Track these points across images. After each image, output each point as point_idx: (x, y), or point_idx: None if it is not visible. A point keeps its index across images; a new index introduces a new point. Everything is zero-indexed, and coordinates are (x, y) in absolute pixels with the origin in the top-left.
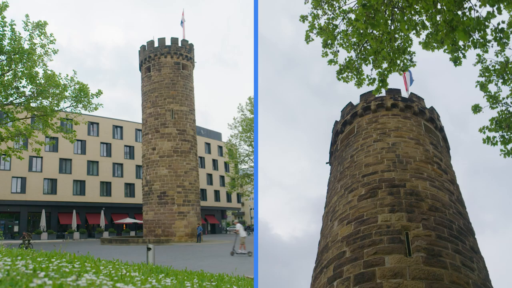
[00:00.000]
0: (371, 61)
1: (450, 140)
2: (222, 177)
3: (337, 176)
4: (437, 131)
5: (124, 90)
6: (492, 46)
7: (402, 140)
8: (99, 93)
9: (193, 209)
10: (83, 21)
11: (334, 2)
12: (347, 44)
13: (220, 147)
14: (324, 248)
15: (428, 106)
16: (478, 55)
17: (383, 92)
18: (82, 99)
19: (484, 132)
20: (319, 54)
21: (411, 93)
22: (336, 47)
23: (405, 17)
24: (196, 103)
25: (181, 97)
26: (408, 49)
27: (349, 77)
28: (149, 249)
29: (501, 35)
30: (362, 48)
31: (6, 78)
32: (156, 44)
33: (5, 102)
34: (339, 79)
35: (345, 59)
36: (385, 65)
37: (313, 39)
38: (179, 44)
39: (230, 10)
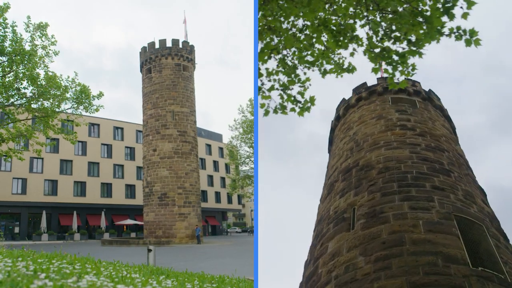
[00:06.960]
0: None
1: None
2: (223, 179)
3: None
4: (414, 96)
5: (125, 91)
6: None
7: (363, 125)
8: (100, 94)
9: (194, 211)
10: (84, 22)
11: None
12: None
13: (221, 149)
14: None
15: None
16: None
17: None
18: (83, 100)
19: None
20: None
21: (377, 78)
22: None
23: None
24: (196, 104)
25: (182, 98)
26: None
27: None
28: (149, 250)
29: None
30: None
31: (7, 79)
32: (157, 46)
33: (6, 103)
34: None
35: None
36: None
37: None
38: (180, 46)
39: (230, 10)
